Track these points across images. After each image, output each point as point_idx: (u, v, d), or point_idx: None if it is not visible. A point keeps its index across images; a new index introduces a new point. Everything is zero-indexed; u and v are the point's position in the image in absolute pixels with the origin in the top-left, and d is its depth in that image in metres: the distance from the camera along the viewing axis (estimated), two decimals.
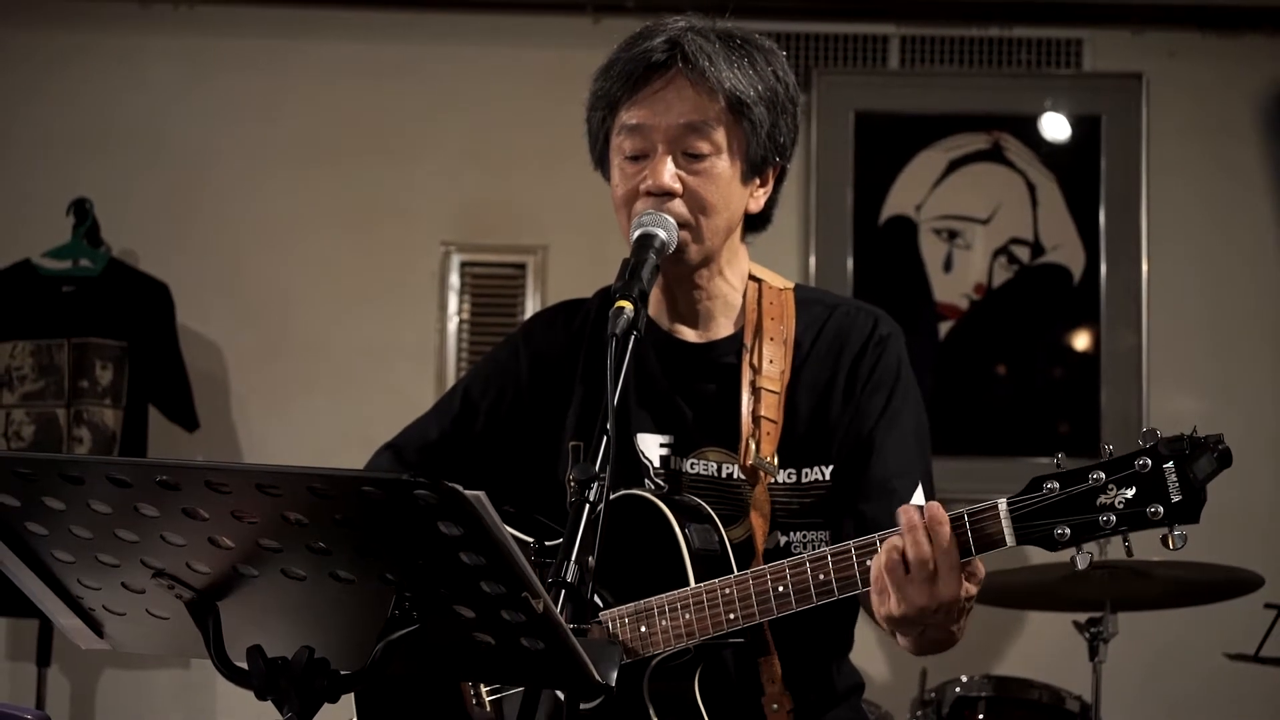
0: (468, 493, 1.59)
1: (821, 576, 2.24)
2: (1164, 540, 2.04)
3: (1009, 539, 2.12)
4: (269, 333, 5.39)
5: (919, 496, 2.41)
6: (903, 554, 2.11)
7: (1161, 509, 2.03)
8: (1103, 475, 2.06)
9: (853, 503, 2.43)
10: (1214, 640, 4.33)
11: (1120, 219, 5.34)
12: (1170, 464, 2.02)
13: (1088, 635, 4.03)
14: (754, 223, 2.55)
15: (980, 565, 2.19)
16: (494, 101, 5.44)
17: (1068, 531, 2.08)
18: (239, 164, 5.44)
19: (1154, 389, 5.25)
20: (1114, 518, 2.06)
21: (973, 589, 2.18)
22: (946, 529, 2.11)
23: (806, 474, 2.47)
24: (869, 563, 2.19)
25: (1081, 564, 2.10)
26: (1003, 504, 2.13)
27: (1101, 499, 2.06)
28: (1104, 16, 5.44)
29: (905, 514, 2.13)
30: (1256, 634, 4.03)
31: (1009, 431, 5.28)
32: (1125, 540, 2.07)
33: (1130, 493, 2.05)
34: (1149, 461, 2.04)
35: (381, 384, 5.30)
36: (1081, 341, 5.35)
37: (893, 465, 2.45)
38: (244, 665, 1.81)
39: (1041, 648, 5.02)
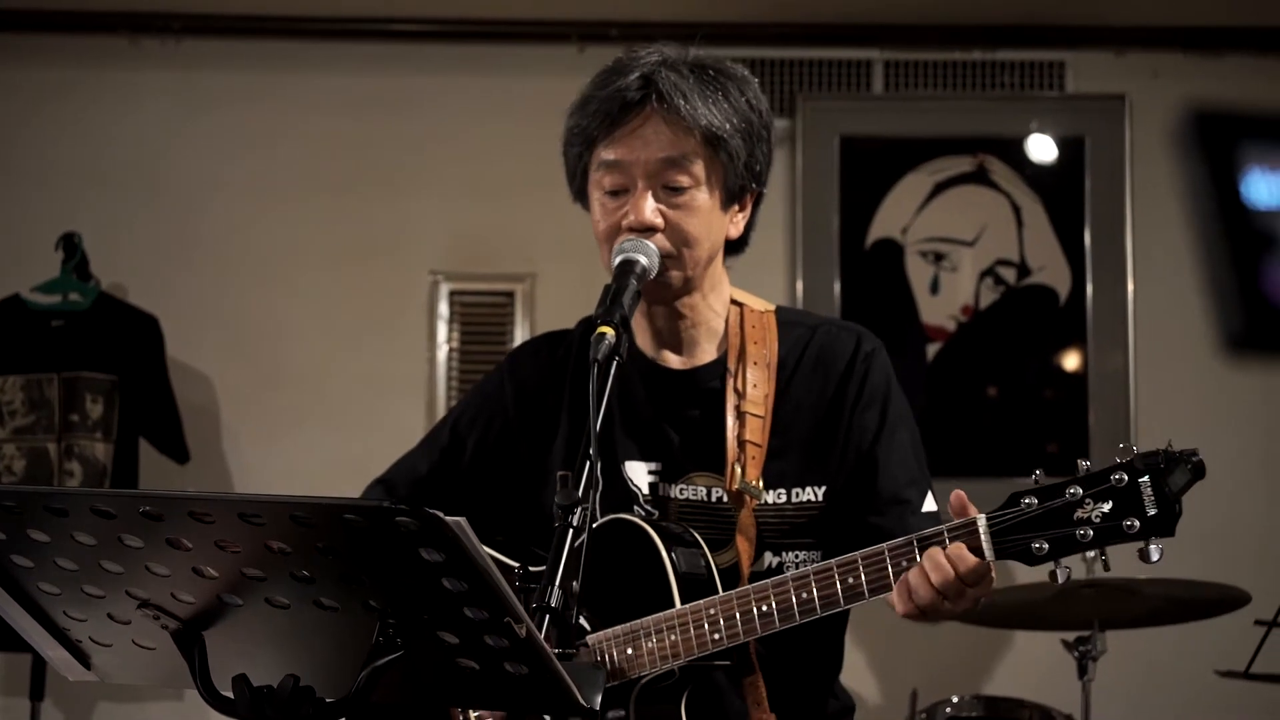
0: (448, 519, 1.60)
1: (805, 595, 2.26)
2: (1140, 554, 2.06)
3: (988, 553, 2.16)
4: (259, 364, 5.39)
5: (929, 503, 2.45)
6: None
7: (1137, 523, 2.05)
8: (1079, 490, 2.09)
9: (862, 516, 2.45)
10: (1203, 657, 4.34)
11: (1105, 239, 5.36)
12: (1146, 478, 2.05)
13: (1076, 654, 4.04)
14: (733, 247, 2.57)
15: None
16: (480, 131, 5.46)
17: (1045, 546, 2.11)
18: (228, 197, 5.45)
19: (1141, 409, 5.26)
20: (1091, 532, 2.08)
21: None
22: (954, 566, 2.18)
23: (797, 494, 2.48)
24: (850, 580, 2.22)
25: (1061, 578, 2.12)
26: (982, 520, 2.16)
27: (1078, 513, 2.09)
28: (1087, 38, 5.47)
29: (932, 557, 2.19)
30: (1245, 650, 4.03)
31: (998, 453, 5.28)
32: (1102, 554, 2.10)
33: (1107, 507, 2.07)
34: (1124, 476, 2.06)
35: (372, 414, 5.30)
36: (1069, 362, 5.36)
37: (901, 477, 2.48)
38: (230, 694, 1.82)
39: (1031, 667, 5.02)
